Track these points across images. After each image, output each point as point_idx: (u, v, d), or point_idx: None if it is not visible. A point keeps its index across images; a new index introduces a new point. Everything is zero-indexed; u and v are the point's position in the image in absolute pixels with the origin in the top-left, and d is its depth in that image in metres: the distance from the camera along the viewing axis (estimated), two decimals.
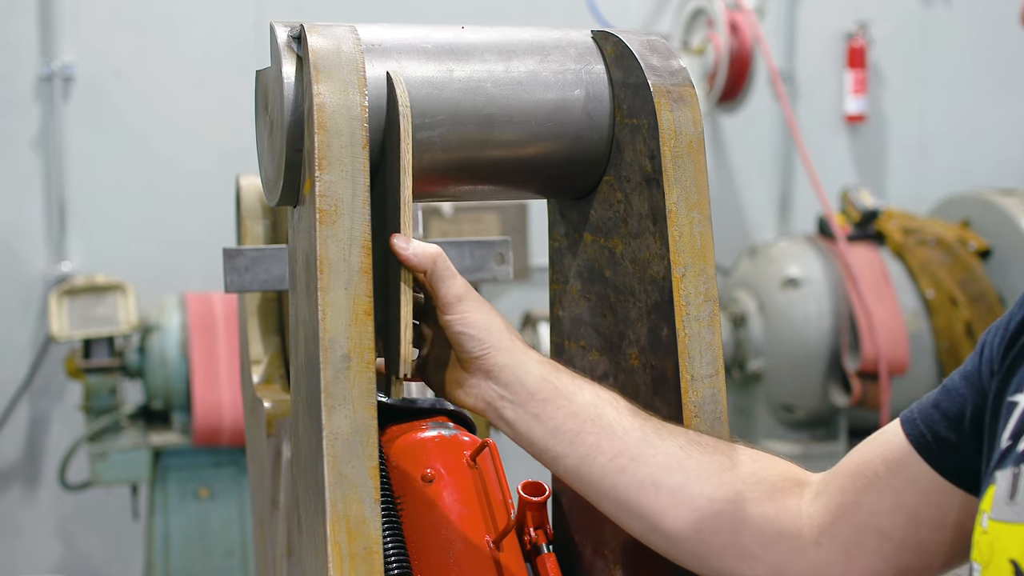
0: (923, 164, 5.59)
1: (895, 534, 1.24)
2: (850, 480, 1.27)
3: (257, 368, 2.00)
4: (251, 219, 2.04)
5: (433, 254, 1.31)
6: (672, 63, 1.40)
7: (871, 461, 1.26)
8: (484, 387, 1.34)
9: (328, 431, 1.23)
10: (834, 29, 5.40)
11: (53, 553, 4.59)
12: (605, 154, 1.43)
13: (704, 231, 1.37)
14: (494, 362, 1.33)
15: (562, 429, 1.32)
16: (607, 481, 1.32)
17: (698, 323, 1.37)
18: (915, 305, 4.47)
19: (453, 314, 1.32)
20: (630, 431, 1.32)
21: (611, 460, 1.32)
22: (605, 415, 1.32)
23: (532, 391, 1.33)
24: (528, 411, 1.33)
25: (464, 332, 1.32)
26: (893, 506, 1.24)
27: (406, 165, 1.29)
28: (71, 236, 4.47)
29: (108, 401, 3.96)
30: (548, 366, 1.35)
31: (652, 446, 1.31)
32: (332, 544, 1.23)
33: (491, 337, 1.33)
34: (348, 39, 1.29)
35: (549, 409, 1.33)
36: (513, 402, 1.33)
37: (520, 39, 1.41)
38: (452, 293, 1.32)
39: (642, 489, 1.31)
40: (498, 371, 1.33)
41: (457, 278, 1.33)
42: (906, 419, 1.26)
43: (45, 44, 4.39)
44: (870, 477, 1.25)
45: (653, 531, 1.33)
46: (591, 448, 1.32)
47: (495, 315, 1.35)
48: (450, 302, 1.32)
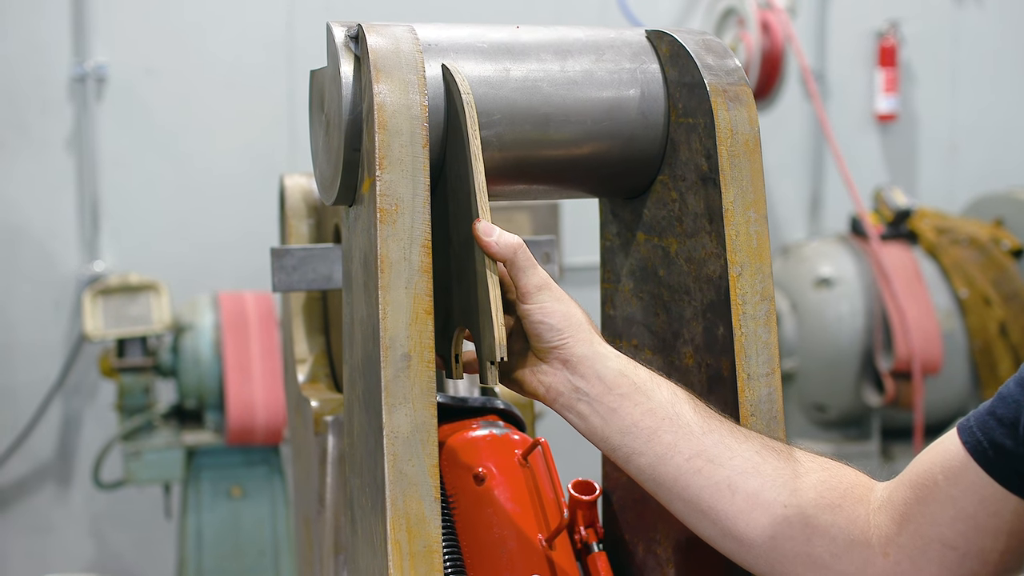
0: (954, 163, 5.57)
1: (958, 543, 1.23)
2: (912, 490, 1.26)
3: (302, 367, 2.00)
4: (296, 218, 2.04)
5: (515, 244, 1.31)
6: (728, 62, 1.39)
7: (930, 471, 1.25)
8: (560, 377, 1.33)
9: (388, 430, 1.24)
10: (865, 28, 5.38)
11: (85, 551, 4.61)
12: (660, 153, 1.43)
13: (760, 230, 1.37)
14: (572, 352, 1.32)
15: (639, 426, 1.31)
16: (682, 481, 1.31)
17: (754, 322, 1.37)
18: (948, 304, 4.45)
19: (533, 303, 1.32)
20: (708, 432, 1.31)
21: (688, 460, 1.31)
22: (683, 414, 1.31)
23: (610, 385, 1.32)
24: (604, 405, 1.32)
25: (544, 322, 1.32)
26: (954, 515, 1.23)
27: (476, 151, 1.29)
28: (104, 236, 4.49)
29: (141, 400, 3.97)
30: (626, 361, 1.34)
31: (729, 448, 1.31)
32: (392, 542, 1.23)
33: (570, 327, 1.32)
34: (407, 39, 1.29)
35: (626, 405, 1.31)
36: (588, 395, 1.32)
37: (575, 38, 1.41)
38: (532, 283, 1.32)
39: (717, 492, 1.30)
40: (576, 362, 1.32)
41: (538, 268, 1.33)
42: (963, 427, 1.25)
43: (78, 45, 4.41)
44: (930, 487, 1.25)
45: (725, 535, 1.32)
46: (668, 447, 1.31)
47: (575, 306, 1.34)
48: (530, 291, 1.32)
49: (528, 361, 1.35)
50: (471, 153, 1.29)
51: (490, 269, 1.31)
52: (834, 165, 5.05)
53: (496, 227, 1.31)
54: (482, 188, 1.30)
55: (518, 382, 1.37)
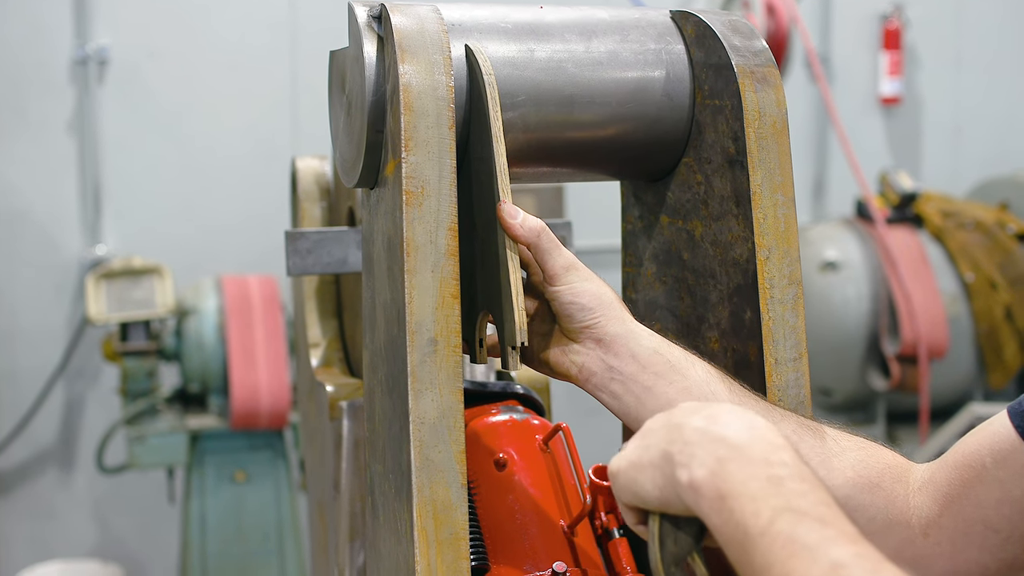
0: (958, 146, 5.55)
1: (1002, 527, 1.22)
2: (957, 471, 1.26)
3: (315, 351, 1.98)
4: (308, 202, 2.02)
5: (539, 227, 1.29)
6: (755, 43, 1.38)
7: (978, 452, 1.24)
8: (592, 356, 1.31)
9: (415, 415, 1.22)
10: (869, 11, 5.36)
11: (88, 536, 4.60)
12: (685, 135, 1.41)
13: (788, 213, 1.36)
14: (605, 331, 1.30)
15: (675, 404, 1.29)
16: None
17: (782, 306, 1.35)
18: (954, 288, 4.44)
19: (561, 285, 1.30)
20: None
21: None
22: (719, 393, 1.30)
23: (644, 363, 1.30)
24: (639, 384, 1.30)
25: (574, 302, 1.30)
26: (1000, 498, 1.22)
27: (497, 132, 1.27)
28: (106, 219, 4.47)
29: (145, 384, 3.96)
30: (660, 339, 1.32)
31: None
32: (419, 529, 1.22)
33: (602, 306, 1.30)
34: (431, 19, 1.27)
35: (661, 384, 1.30)
36: (623, 374, 1.30)
37: (599, 19, 1.40)
38: (559, 264, 1.30)
39: None
40: (609, 340, 1.30)
41: (563, 249, 1.31)
42: (1013, 411, 1.24)
43: (80, 27, 4.38)
44: (977, 469, 1.24)
45: None
46: None
47: (604, 285, 1.33)
48: (558, 273, 1.30)
49: (558, 342, 1.34)
50: (493, 134, 1.27)
51: (511, 252, 1.30)
52: (838, 148, 5.03)
53: (520, 210, 1.30)
54: (504, 170, 1.29)
55: (548, 364, 1.35)
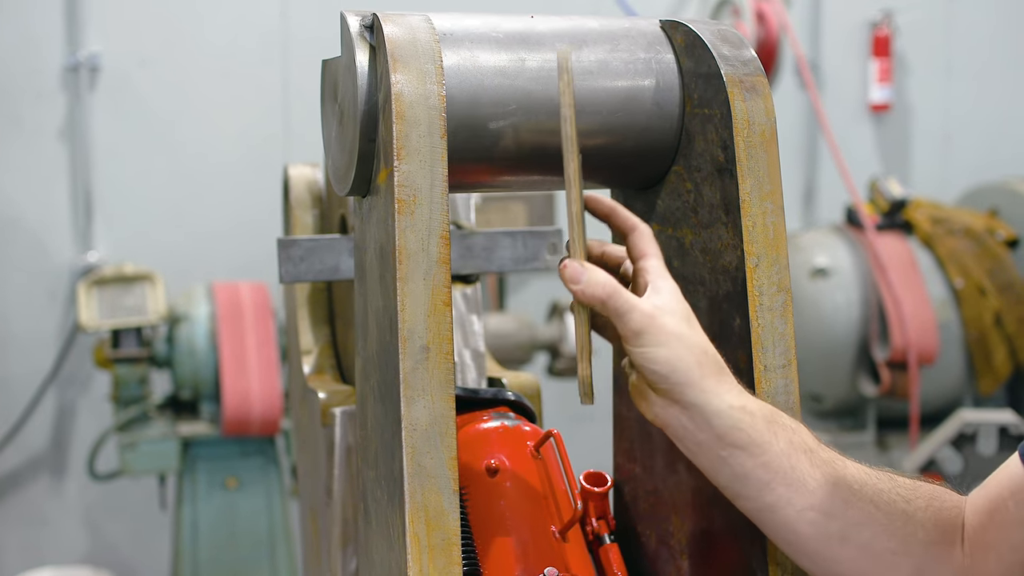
0: (948, 153, 5.57)
1: None
2: (987, 516, 1.27)
3: (307, 358, 1.99)
4: (300, 209, 2.03)
5: (603, 295, 1.25)
6: (744, 52, 1.39)
7: (1000, 496, 1.26)
8: (671, 414, 1.28)
9: (407, 422, 1.23)
10: (859, 18, 5.39)
11: (80, 543, 4.60)
12: (674, 144, 1.42)
13: (777, 221, 1.37)
14: (681, 398, 1.26)
15: (751, 477, 1.27)
16: (791, 528, 1.28)
17: (771, 313, 1.37)
18: (944, 294, 4.45)
19: (634, 347, 1.26)
20: (823, 484, 1.28)
21: (799, 513, 1.27)
22: (799, 467, 1.27)
23: (720, 435, 1.26)
24: (714, 453, 1.27)
25: (645, 367, 1.26)
26: None
27: (571, 175, 1.26)
28: (97, 226, 4.48)
29: (137, 391, 3.96)
30: (742, 412, 1.27)
31: (844, 502, 1.27)
32: (410, 535, 1.23)
33: (676, 374, 1.25)
34: (423, 28, 1.28)
35: (740, 456, 1.26)
36: (697, 439, 1.27)
37: (590, 28, 1.41)
38: (630, 328, 1.26)
39: (828, 542, 1.28)
40: (685, 405, 1.26)
41: (635, 311, 1.26)
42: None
43: (71, 34, 4.39)
44: (1003, 513, 1.25)
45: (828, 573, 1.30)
46: (779, 498, 1.27)
47: (683, 347, 1.26)
48: (628, 337, 1.26)
49: (643, 386, 1.30)
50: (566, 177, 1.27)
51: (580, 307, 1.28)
52: (828, 155, 5.05)
53: (586, 270, 1.26)
54: (577, 218, 1.27)
55: (636, 404, 1.33)
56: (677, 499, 1.49)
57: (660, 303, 1.28)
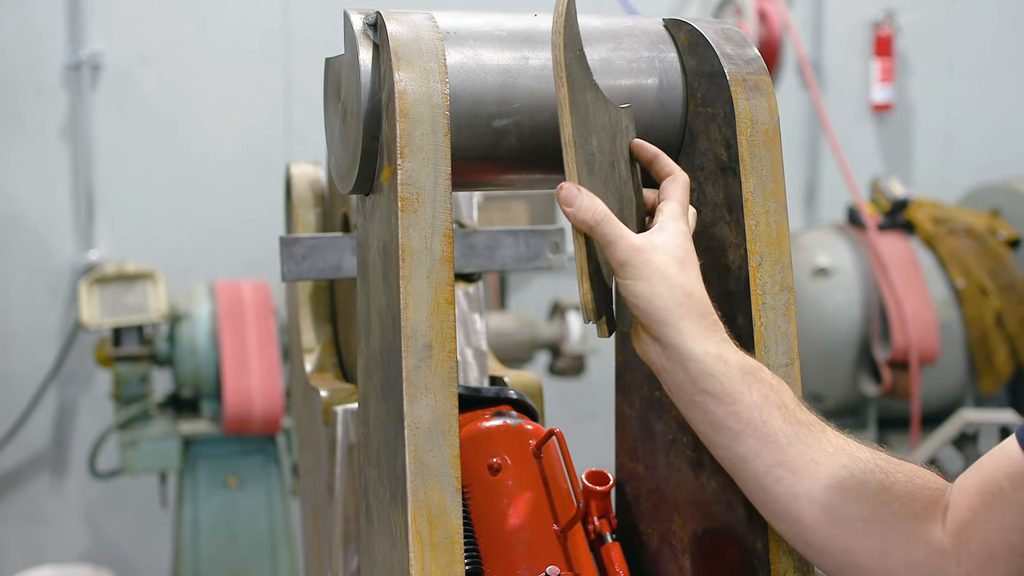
0: (949, 153, 5.57)
1: None
2: (978, 496, 1.25)
3: (309, 357, 1.99)
4: (303, 208, 2.03)
5: (591, 221, 1.28)
6: (747, 51, 1.39)
7: (994, 476, 1.24)
8: (654, 351, 1.30)
9: (409, 420, 1.23)
10: (861, 17, 5.38)
11: (80, 541, 4.60)
12: (677, 142, 1.42)
13: (780, 220, 1.37)
14: (658, 336, 1.28)
15: (722, 425, 1.28)
16: (759, 484, 1.29)
17: (774, 312, 1.37)
18: (945, 294, 4.45)
19: (620, 279, 1.29)
20: (794, 442, 1.28)
21: (768, 468, 1.28)
22: (770, 421, 1.27)
23: (694, 379, 1.28)
24: (687, 395, 1.29)
25: (628, 300, 1.29)
26: (1021, 522, 1.21)
27: (563, 99, 1.27)
28: (99, 224, 4.48)
29: (138, 389, 3.96)
30: (716, 359, 1.28)
31: (814, 462, 1.27)
32: (413, 533, 1.23)
33: (655, 312, 1.27)
34: (427, 27, 1.28)
35: (710, 403, 1.28)
36: (675, 378, 1.29)
37: (593, 27, 1.41)
38: (615, 258, 1.28)
39: (796, 502, 1.28)
40: (663, 345, 1.29)
41: (621, 239, 1.28)
42: (1022, 434, 1.24)
43: (73, 32, 4.39)
44: (996, 494, 1.23)
45: (800, 539, 1.30)
46: (748, 450, 1.28)
47: (665, 283, 1.28)
48: (615, 266, 1.29)
49: (637, 323, 1.32)
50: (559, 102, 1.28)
51: (577, 232, 1.30)
52: (830, 155, 5.05)
53: (581, 194, 1.28)
54: (568, 143, 1.28)
55: (632, 341, 1.34)
56: (679, 498, 1.49)
57: (655, 240, 1.29)
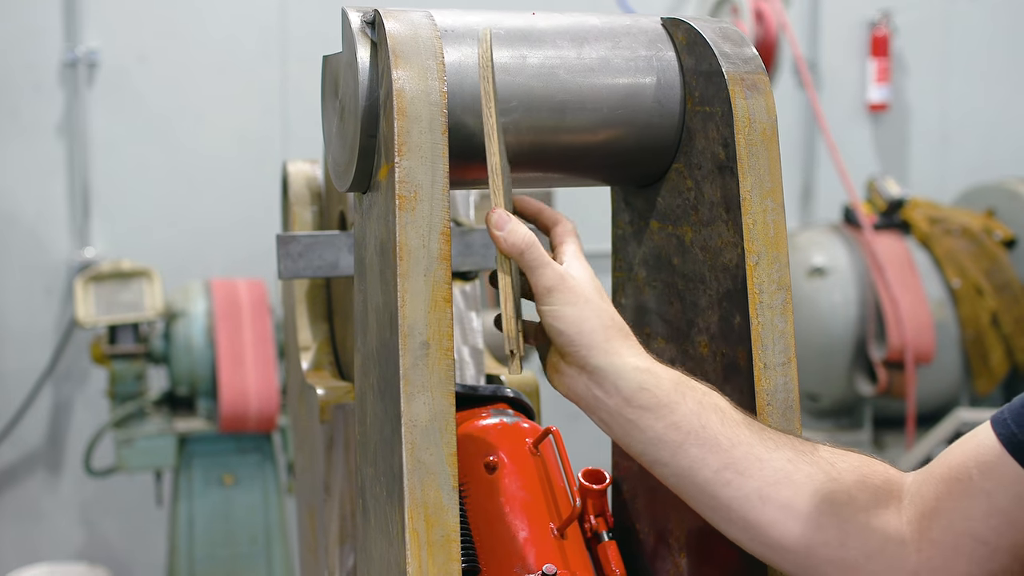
0: (945, 153, 5.58)
1: (990, 538, 1.21)
2: (944, 484, 1.25)
3: (306, 355, 1.99)
4: (299, 206, 2.03)
5: (522, 244, 1.27)
6: (745, 50, 1.39)
7: (964, 464, 1.24)
8: (580, 383, 1.29)
9: (407, 418, 1.23)
10: (858, 17, 5.39)
11: (75, 539, 4.60)
12: (675, 141, 1.42)
13: (777, 219, 1.37)
14: (586, 363, 1.28)
15: (663, 440, 1.27)
16: (710, 491, 1.28)
17: (771, 311, 1.36)
18: (941, 294, 4.46)
19: (544, 305, 1.28)
20: (736, 444, 1.27)
21: (716, 473, 1.27)
22: (709, 426, 1.27)
23: (628, 398, 1.27)
24: (624, 418, 1.28)
25: (553, 326, 1.28)
26: (987, 510, 1.21)
27: (490, 130, 1.27)
28: (94, 222, 4.47)
29: (133, 387, 3.96)
30: (647, 373, 1.28)
31: (759, 459, 1.27)
32: (410, 531, 1.23)
33: (581, 335, 1.27)
34: (425, 24, 1.28)
35: (647, 418, 1.27)
36: (607, 405, 1.28)
37: (591, 25, 1.41)
38: (542, 284, 1.28)
39: (748, 503, 1.27)
40: (591, 371, 1.28)
41: (549, 266, 1.28)
42: (997, 420, 1.23)
43: (69, 30, 4.39)
44: (964, 481, 1.23)
45: (755, 541, 1.30)
46: (694, 460, 1.27)
47: (590, 310, 1.28)
48: (540, 293, 1.28)
49: (554, 355, 1.32)
50: (485, 131, 1.28)
51: (503, 259, 1.30)
52: (826, 154, 5.05)
53: (511, 220, 1.28)
54: (495, 171, 1.28)
55: (549, 379, 1.34)
56: (676, 497, 1.48)
57: (572, 271, 1.31)
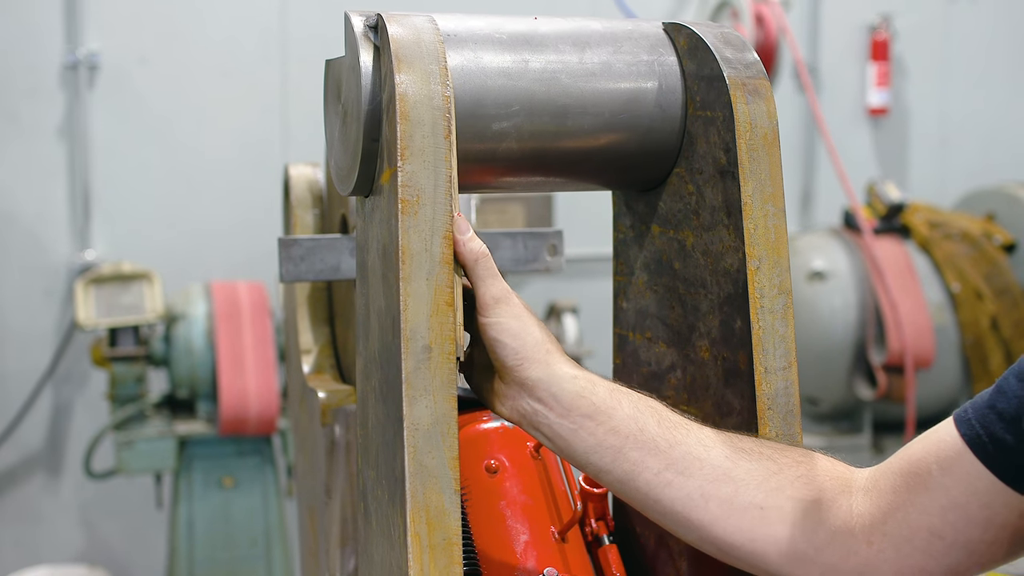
0: (945, 157, 5.59)
1: (946, 532, 1.23)
2: (902, 478, 1.26)
3: (307, 358, 2.00)
4: (301, 209, 2.03)
5: (477, 252, 1.29)
6: (747, 55, 1.39)
7: (924, 459, 1.25)
8: (520, 400, 1.32)
9: (409, 422, 1.23)
10: (858, 21, 5.40)
11: (75, 541, 4.60)
12: (676, 146, 1.43)
13: (778, 224, 1.37)
14: (527, 375, 1.30)
15: (603, 445, 1.30)
16: (653, 495, 1.31)
17: (772, 315, 1.37)
18: (940, 299, 4.46)
19: (488, 317, 1.30)
20: (674, 444, 1.30)
21: (656, 475, 1.30)
22: (647, 429, 1.30)
23: (568, 407, 1.30)
24: (565, 427, 1.30)
25: (497, 339, 1.30)
26: (945, 505, 1.23)
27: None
28: (95, 224, 4.48)
29: (134, 390, 3.96)
30: (584, 380, 1.31)
31: (698, 459, 1.30)
32: (412, 535, 1.23)
33: (524, 348, 1.30)
34: (428, 29, 1.28)
35: (588, 425, 1.30)
36: (548, 418, 1.31)
37: (593, 30, 1.41)
38: (491, 294, 1.30)
39: (690, 502, 1.30)
40: (531, 384, 1.30)
41: (498, 280, 1.31)
42: (960, 419, 1.25)
43: (70, 32, 4.39)
44: (923, 476, 1.24)
45: (705, 540, 1.32)
46: (635, 464, 1.30)
47: (531, 323, 1.32)
48: (487, 303, 1.30)
49: (494, 382, 1.34)
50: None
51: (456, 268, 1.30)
52: (826, 158, 5.06)
53: (470, 228, 1.30)
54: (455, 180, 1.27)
55: (486, 402, 1.37)
56: None
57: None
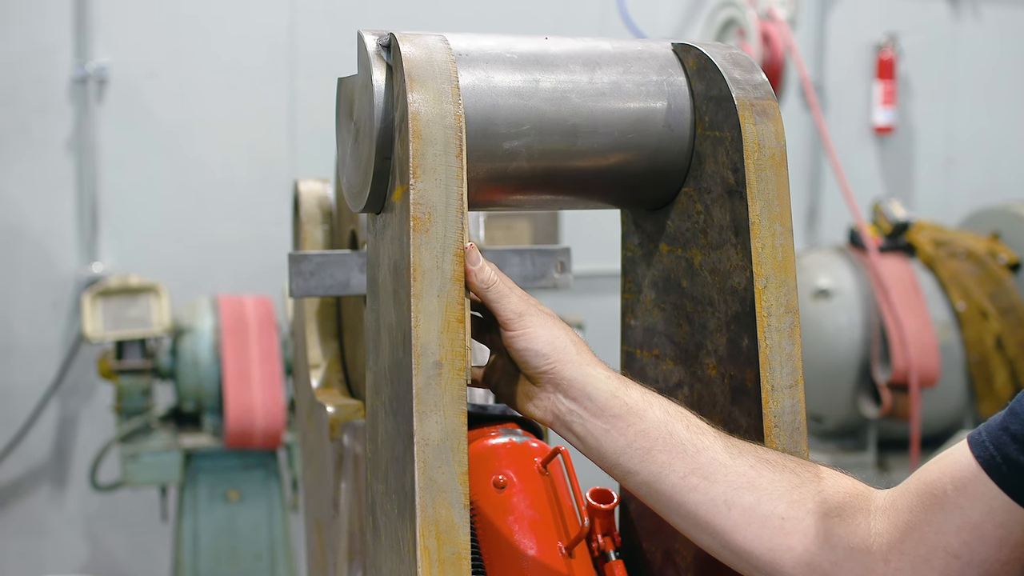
0: (950, 176, 5.60)
1: (962, 552, 1.24)
2: (919, 499, 1.28)
3: (315, 372, 2.01)
4: (311, 224, 2.05)
5: (488, 281, 1.32)
6: (755, 76, 1.41)
7: (939, 480, 1.27)
8: (553, 400, 1.35)
9: (419, 437, 1.24)
10: (864, 40, 5.42)
11: (80, 553, 4.60)
12: (685, 165, 1.44)
13: (786, 243, 1.38)
14: (562, 376, 1.33)
15: (633, 446, 1.32)
16: (678, 498, 1.33)
17: (779, 334, 1.38)
18: (945, 317, 4.47)
19: (515, 331, 1.33)
20: (701, 450, 1.32)
21: (682, 479, 1.32)
22: (676, 433, 1.33)
23: (601, 406, 1.33)
24: (598, 427, 1.33)
25: (528, 348, 1.33)
26: (961, 525, 1.24)
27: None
28: (103, 237, 4.49)
29: (140, 403, 3.97)
30: (617, 380, 1.35)
31: (723, 465, 1.32)
32: (421, 549, 1.24)
33: (556, 351, 1.33)
34: (440, 48, 1.30)
35: (620, 425, 1.33)
36: (582, 417, 1.33)
37: (603, 50, 1.42)
38: (511, 310, 1.33)
39: (713, 507, 1.32)
40: (566, 385, 1.33)
41: (513, 295, 1.34)
42: (974, 441, 1.26)
43: (80, 46, 4.41)
44: (939, 496, 1.26)
45: (724, 547, 1.33)
46: (662, 466, 1.32)
47: (559, 328, 1.35)
48: (510, 318, 1.33)
49: (523, 385, 1.37)
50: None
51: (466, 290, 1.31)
52: (832, 176, 5.07)
53: (481, 258, 1.32)
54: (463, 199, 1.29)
55: (515, 405, 1.39)
56: None
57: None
